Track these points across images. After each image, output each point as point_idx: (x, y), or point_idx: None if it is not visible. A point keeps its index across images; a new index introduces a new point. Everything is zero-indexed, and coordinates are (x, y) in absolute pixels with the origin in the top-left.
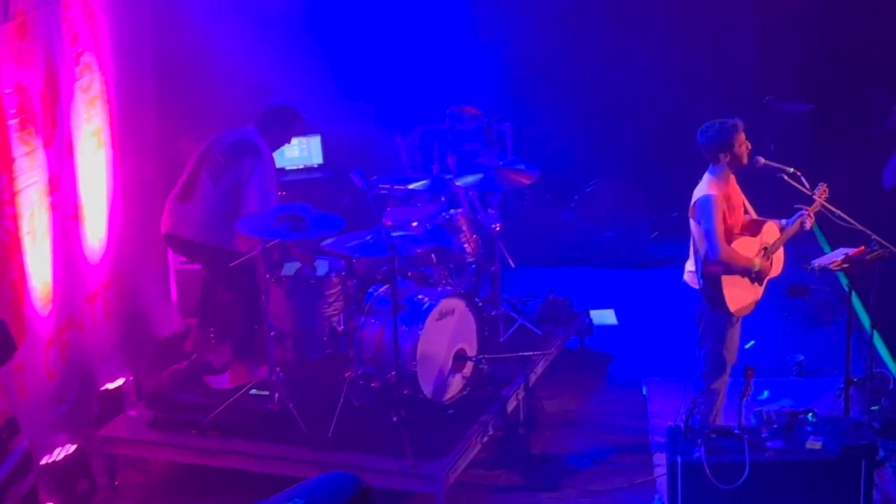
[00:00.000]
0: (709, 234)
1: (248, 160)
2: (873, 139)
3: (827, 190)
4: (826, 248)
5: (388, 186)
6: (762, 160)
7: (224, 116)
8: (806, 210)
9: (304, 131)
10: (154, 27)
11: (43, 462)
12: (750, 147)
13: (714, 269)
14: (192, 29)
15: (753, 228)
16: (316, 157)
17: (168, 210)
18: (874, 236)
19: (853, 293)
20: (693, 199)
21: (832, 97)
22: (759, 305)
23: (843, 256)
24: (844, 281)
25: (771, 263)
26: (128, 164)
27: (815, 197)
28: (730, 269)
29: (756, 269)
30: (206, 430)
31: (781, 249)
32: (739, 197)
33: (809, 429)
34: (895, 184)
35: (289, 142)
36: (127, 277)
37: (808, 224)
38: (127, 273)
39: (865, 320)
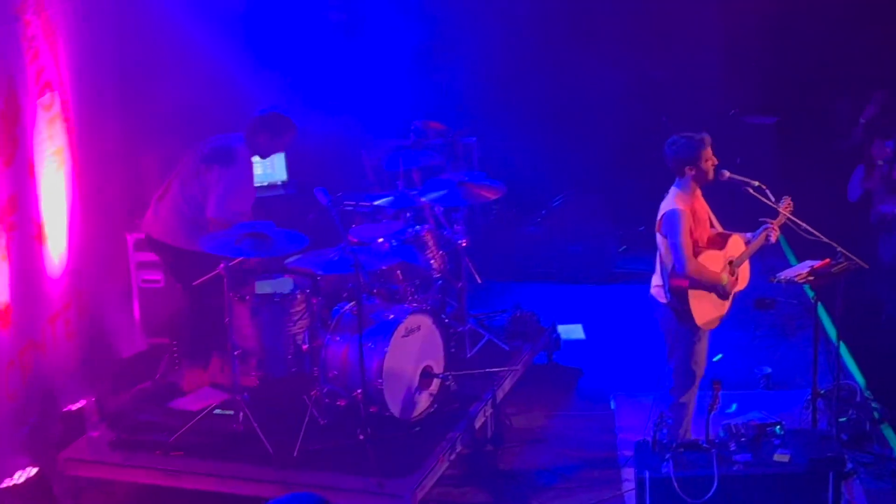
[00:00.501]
0: (676, 249)
1: (218, 168)
2: (838, 151)
3: (791, 203)
4: (793, 260)
5: (353, 203)
6: (727, 173)
7: (189, 134)
8: (771, 223)
9: (296, 137)
10: (116, 44)
11: (3, 486)
12: (716, 162)
13: (681, 283)
14: (154, 46)
15: (719, 242)
16: (280, 174)
17: (149, 208)
18: (840, 248)
19: (819, 305)
20: (660, 213)
21: (798, 109)
22: (727, 318)
23: (808, 269)
24: (811, 293)
25: (737, 278)
26: (89, 182)
27: (779, 210)
28: (697, 284)
29: (724, 282)
30: (171, 450)
31: (747, 263)
32: (705, 210)
33: (777, 442)
34: (860, 196)
35: (282, 150)
36: (89, 297)
37: (773, 237)
38: (89, 293)
39: (832, 332)
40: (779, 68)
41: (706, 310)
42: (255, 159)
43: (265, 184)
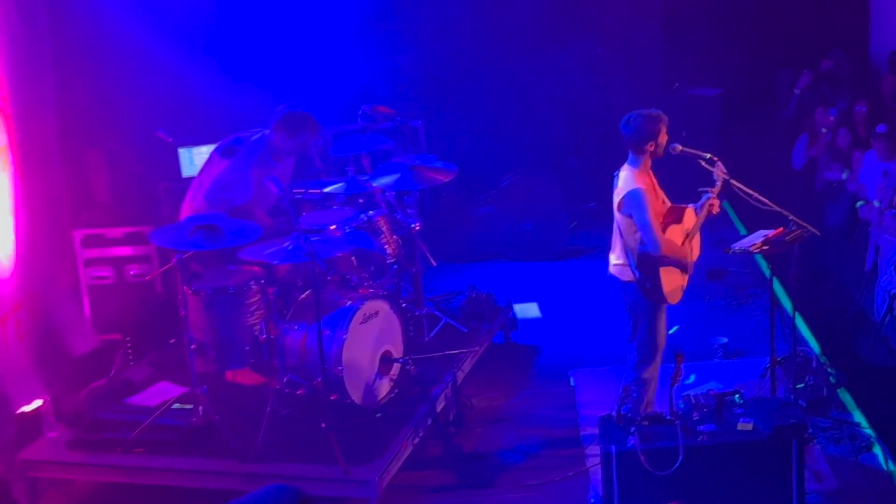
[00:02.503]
0: (645, 228)
1: (216, 166)
2: (782, 121)
3: (722, 167)
4: (742, 230)
5: (302, 191)
6: (679, 147)
7: (132, 128)
8: (710, 192)
9: (318, 136)
10: (52, 37)
11: None
12: (668, 138)
13: (653, 260)
14: (92, 38)
15: (676, 215)
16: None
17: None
18: (792, 217)
19: (769, 271)
20: (620, 194)
21: (740, 81)
22: None
23: (762, 239)
24: (762, 262)
25: (691, 249)
26: (32, 180)
27: (714, 177)
28: (667, 261)
29: (689, 257)
30: (131, 447)
31: (698, 234)
32: (657, 186)
33: (740, 411)
34: (805, 164)
35: (306, 147)
36: (38, 296)
37: (715, 209)
38: (38, 292)
39: (785, 300)
40: (721, 41)
41: (673, 281)
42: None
43: None
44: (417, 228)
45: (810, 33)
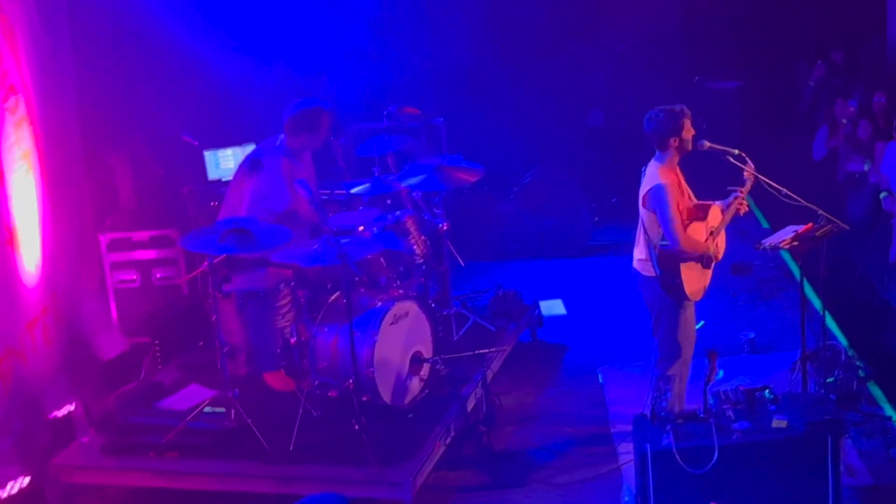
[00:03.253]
0: (666, 223)
1: (247, 180)
2: (801, 112)
3: (752, 166)
4: (764, 223)
5: (328, 192)
6: (707, 143)
7: (156, 131)
8: (739, 191)
9: (337, 128)
10: (73, 41)
11: None
12: (694, 133)
13: (674, 256)
14: (115, 41)
15: (700, 213)
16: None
17: None
18: (821, 212)
19: (798, 268)
20: (645, 188)
21: (760, 73)
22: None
23: (792, 234)
24: (787, 256)
25: (716, 246)
26: (56, 184)
27: (746, 175)
28: (688, 256)
29: (711, 253)
30: (164, 451)
31: (723, 232)
32: (684, 183)
33: (773, 408)
34: (825, 155)
35: (325, 140)
36: (65, 300)
37: (742, 210)
38: (64, 296)
39: (810, 293)
40: (739, 34)
41: (694, 280)
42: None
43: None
44: (445, 228)
45: (829, 25)
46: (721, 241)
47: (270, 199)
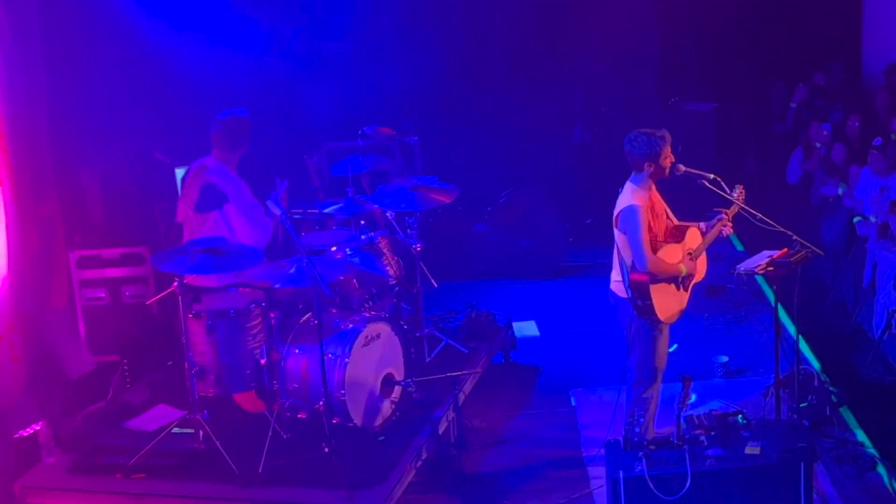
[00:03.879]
0: (635, 245)
1: (216, 213)
2: (777, 134)
3: (743, 192)
4: (738, 245)
5: (301, 211)
6: (683, 168)
7: (127, 148)
8: (724, 213)
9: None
10: (46, 60)
11: None
12: (674, 160)
13: (641, 277)
14: (88, 57)
15: (678, 234)
16: None
17: None
18: (796, 237)
19: (771, 292)
20: (617, 210)
21: (735, 95)
22: None
23: (767, 259)
24: (761, 279)
25: (696, 268)
26: (25, 200)
27: (733, 199)
28: (657, 278)
29: (684, 273)
30: (132, 472)
31: (704, 254)
32: (661, 204)
33: (747, 434)
34: (800, 178)
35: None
36: (32, 318)
37: (726, 231)
38: (32, 313)
39: (784, 318)
40: (715, 56)
41: (668, 304)
42: None
43: None
44: (419, 249)
45: (803, 47)
46: (702, 262)
47: (256, 220)
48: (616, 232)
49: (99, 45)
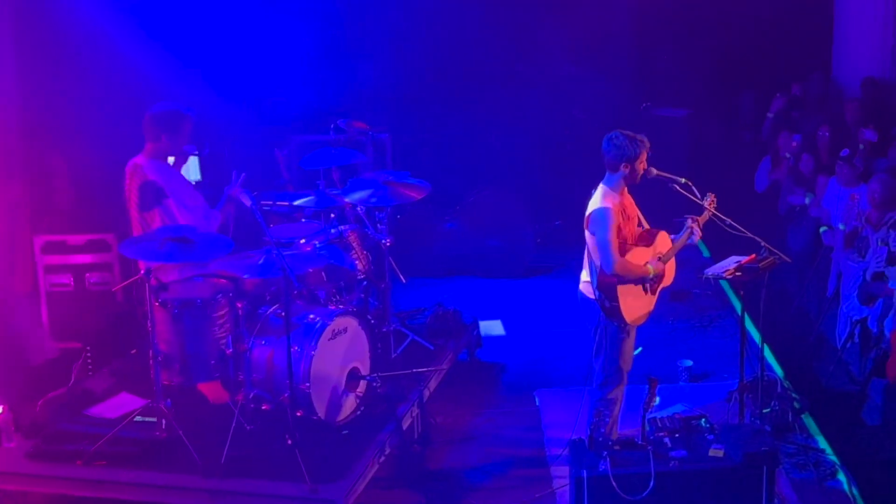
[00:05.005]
0: (603, 247)
1: (158, 209)
2: (745, 143)
3: (715, 200)
4: (704, 251)
5: (270, 203)
6: (654, 171)
7: (96, 133)
8: (695, 219)
9: (194, 131)
10: (16, 45)
11: None
12: (646, 167)
13: (609, 280)
14: (59, 42)
15: (647, 238)
16: (194, 174)
17: None
18: (764, 244)
19: (735, 297)
20: (588, 211)
21: (707, 102)
22: None
23: (735, 265)
24: (726, 285)
25: (664, 273)
26: None
27: (704, 206)
28: (624, 280)
29: (652, 275)
30: (92, 460)
31: (673, 260)
32: (634, 209)
33: (711, 437)
34: (767, 187)
35: (187, 142)
36: None
37: (696, 237)
38: None
39: (749, 324)
40: (688, 62)
41: (635, 306)
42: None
43: None
44: (388, 244)
45: (775, 57)
46: (671, 267)
47: (197, 212)
48: (587, 233)
49: (70, 33)
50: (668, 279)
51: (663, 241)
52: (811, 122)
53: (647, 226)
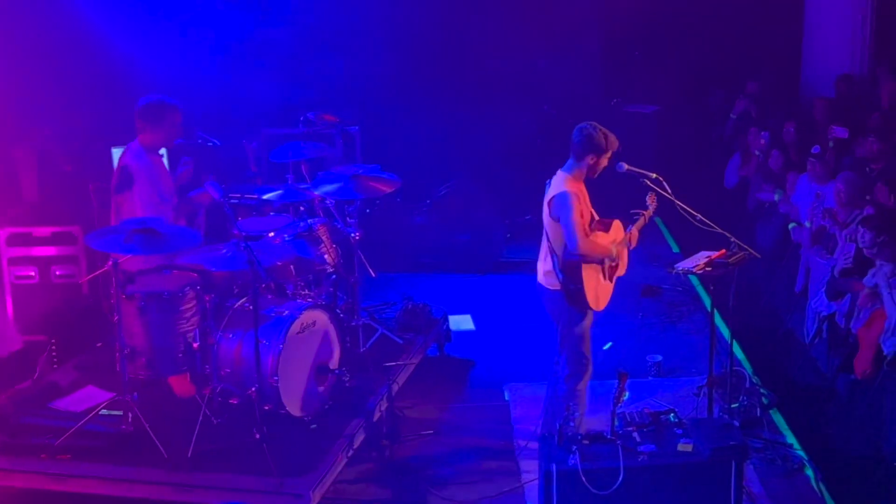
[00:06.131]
0: (568, 228)
1: (127, 193)
2: (715, 140)
3: (655, 199)
4: (674, 246)
5: (239, 196)
6: (626, 166)
7: (62, 125)
8: (642, 214)
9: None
10: None
11: None
12: (607, 165)
13: (574, 261)
14: (25, 32)
15: (603, 227)
16: None
17: None
18: (734, 239)
19: (704, 293)
20: (549, 196)
21: (676, 98)
22: (614, 306)
23: (705, 260)
24: (696, 280)
25: (618, 263)
26: None
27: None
28: (589, 260)
29: (614, 254)
30: (57, 453)
31: (626, 252)
32: (587, 199)
33: (680, 431)
34: (736, 183)
35: (174, 133)
36: None
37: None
38: None
39: (718, 319)
40: (658, 59)
41: (597, 290)
42: None
43: None
44: (357, 238)
45: (744, 54)
46: (623, 259)
47: (152, 200)
48: (548, 220)
49: (35, 24)
50: (622, 267)
51: (617, 228)
52: (775, 118)
53: (597, 217)
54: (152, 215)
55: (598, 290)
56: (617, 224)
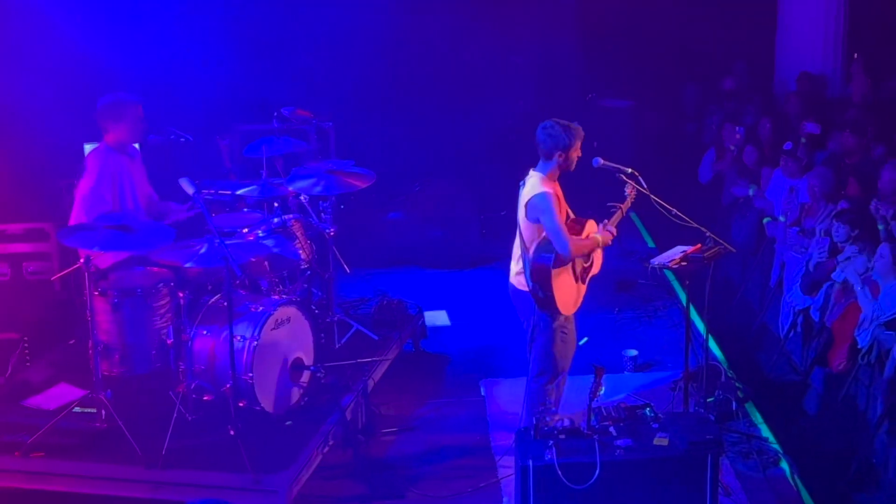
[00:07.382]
0: (555, 232)
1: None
2: (688, 134)
3: (634, 190)
4: (650, 241)
5: (212, 191)
6: (602, 161)
7: (34, 121)
8: (619, 207)
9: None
10: None
11: None
12: (580, 155)
13: (542, 266)
14: None
15: (577, 227)
16: None
17: None
18: (709, 234)
19: (679, 287)
20: (526, 199)
21: (651, 93)
22: (590, 302)
23: (681, 254)
24: (671, 275)
25: (592, 262)
26: None
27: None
28: (560, 265)
29: (600, 244)
30: (30, 451)
31: (600, 249)
32: (562, 197)
33: (656, 426)
34: (711, 178)
35: (139, 126)
36: None
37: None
38: None
39: (693, 313)
40: (634, 54)
41: (567, 295)
42: None
43: None
44: (332, 234)
45: (718, 50)
46: (597, 257)
47: (90, 198)
48: (524, 222)
49: (6, 20)
50: (596, 267)
51: (591, 228)
52: (749, 113)
53: (572, 215)
54: (88, 212)
55: (569, 295)
56: (591, 224)
